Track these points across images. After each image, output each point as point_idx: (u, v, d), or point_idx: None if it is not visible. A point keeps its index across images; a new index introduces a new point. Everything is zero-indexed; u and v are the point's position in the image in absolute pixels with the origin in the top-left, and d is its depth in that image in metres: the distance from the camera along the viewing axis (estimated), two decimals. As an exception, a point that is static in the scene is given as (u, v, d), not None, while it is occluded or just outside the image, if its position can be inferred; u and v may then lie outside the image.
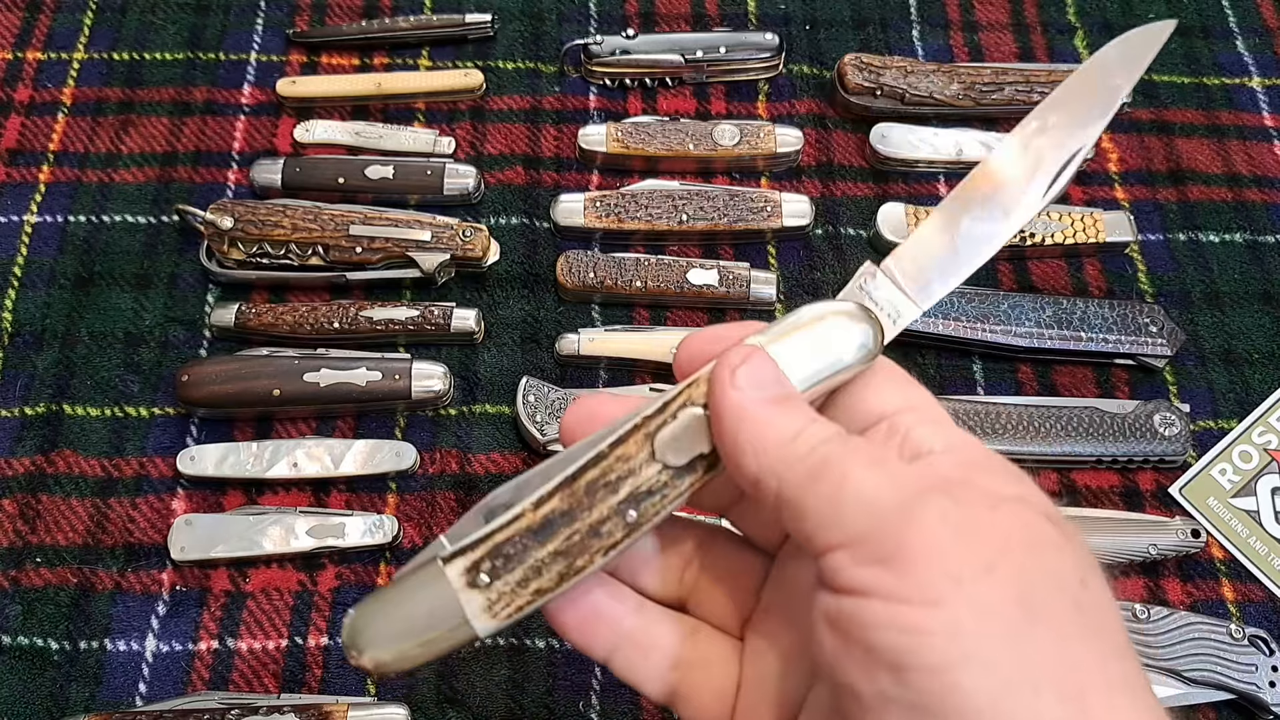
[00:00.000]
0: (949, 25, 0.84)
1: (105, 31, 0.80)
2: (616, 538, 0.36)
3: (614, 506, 0.36)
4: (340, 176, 0.73)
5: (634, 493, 0.36)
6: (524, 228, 0.74)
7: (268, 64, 0.79)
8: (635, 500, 0.36)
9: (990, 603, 0.28)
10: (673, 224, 0.72)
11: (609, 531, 0.36)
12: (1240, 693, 0.59)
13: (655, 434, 0.36)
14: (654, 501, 0.36)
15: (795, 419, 0.34)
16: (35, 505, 0.63)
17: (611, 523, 0.36)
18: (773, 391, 0.34)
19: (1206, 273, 0.74)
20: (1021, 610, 0.28)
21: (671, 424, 0.36)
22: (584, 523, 0.36)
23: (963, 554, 0.29)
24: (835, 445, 0.33)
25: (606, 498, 0.36)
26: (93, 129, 0.76)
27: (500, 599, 0.35)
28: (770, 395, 0.34)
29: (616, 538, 0.36)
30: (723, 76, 0.79)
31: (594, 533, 0.36)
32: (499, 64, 0.80)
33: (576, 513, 0.36)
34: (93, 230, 0.73)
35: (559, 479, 0.36)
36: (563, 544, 0.36)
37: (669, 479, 0.36)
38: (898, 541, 0.29)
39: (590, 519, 0.36)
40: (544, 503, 0.36)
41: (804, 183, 0.76)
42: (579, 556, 0.35)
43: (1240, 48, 0.84)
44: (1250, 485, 0.66)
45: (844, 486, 0.31)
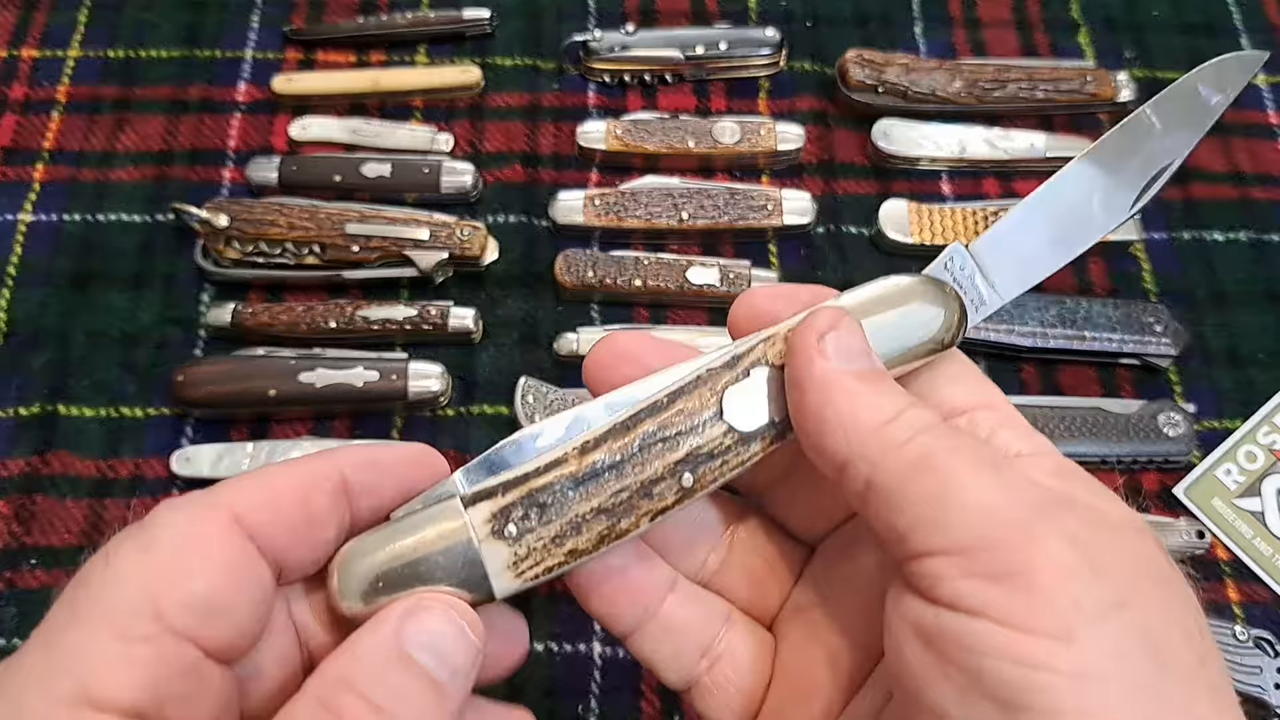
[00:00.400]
0: (951, 22, 0.83)
1: (101, 29, 0.80)
2: (668, 501, 0.32)
3: (670, 465, 0.32)
4: (337, 174, 0.72)
5: (694, 453, 0.32)
6: (522, 226, 0.73)
7: (264, 61, 0.79)
8: (694, 462, 0.32)
9: (1123, 646, 0.26)
10: (672, 222, 0.71)
11: (661, 493, 0.32)
12: (1245, 695, 0.58)
13: (724, 390, 0.33)
14: (713, 466, 0.32)
15: (893, 399, 0.31)
16: (30, 506, 0.63)
17: (665, 484, 0.32)
18: (865, 364, 0.32)
19: (1211, 272, 0.73)
20: (1152, 658, 0.26)
21: (744, 381, 0.33)
22: (636, 479, 0.32)
23: (1095, 585, 0.26)
24: (941, 437, 0.30)
25: (664, 454, 0.32)
26: (88, 127, 0.76)
27: (529, 556, 0.31)
28: (862, 368, 0.31)
29: (668, 501, 0.32)
30: (723, 73, 0.79)
31: (645, 492, 0.32)
32: (497, 61, 0.79)
33: (628, 466, 0.32)
34: (88, 229, 0.72)
35: (610, 423, 0.32)
36: (609, 500, 0.32)
37: (734, 443, 0.32)
38: (1021, 560, 0.26)
39: (643, 475, 0.32)
40: (592, 449, 0.32)
41: (805, 180, 0.76)
42: (624, 517, 0.32)
43: (1245, 45, 0.83)
44: (1255, 486, 0.66)
45: (953, 487, 0.28)
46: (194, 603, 0.28)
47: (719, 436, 0.32)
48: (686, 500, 0.32)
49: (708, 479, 0.32)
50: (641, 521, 0.32)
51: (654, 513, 0.32)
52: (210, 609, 0.29)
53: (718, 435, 0.32)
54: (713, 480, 0.32)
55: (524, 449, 0.33)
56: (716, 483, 0.33)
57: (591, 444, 0.32)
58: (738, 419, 0.32)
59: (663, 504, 0.32)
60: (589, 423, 0.33)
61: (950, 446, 0.29)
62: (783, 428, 0.33)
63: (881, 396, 0.31)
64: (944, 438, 0.30)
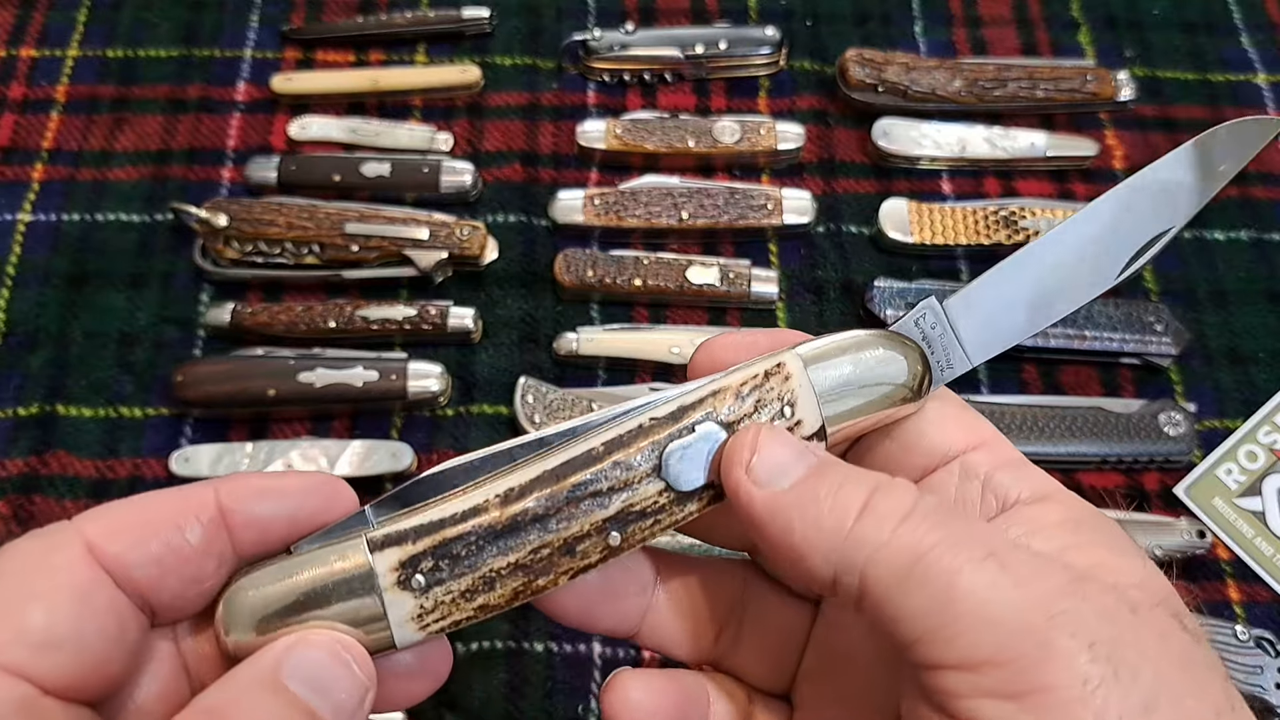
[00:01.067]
0: (951, 20, 0.83)
1: (99, 28, 0.80)
2: (591, 560, 0.30)
3: (598, 523, 0.30)
4: (336, 174, 0.72)
5: (625, 510, 0.30)
6: (522, 225, 0.73)
7: (263, 60, 0.79)
8: (624, 520, 0.30)
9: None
10: (672, 222, 0.71)
11: (584, 551, 0.30)
12: (1246, 695, 0.58)
13: (665, 446, 0.30)
14: (644, 525, 0.30)
15: (854, 489, 0.28)
16: (29, 507, 0.62)
17: (591, 541, 0.30)
18: (803, 468, 0.29)
19: (1212, 271, 0.73)
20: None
21: (686, 438, 0.31)
22: (559, 535, 0.30)
23: (1120, 692, 0.24)
24: (929, 527, 0.27)
25: (593, 510, 0.30)
26: (87, 126, 0.75)
27: (436, 609, 0.29)
28: (802, 473, 0.29)
29: (591, 560, 0.30)
30: (723, 72, 0.79)
31: (568, 549, 0.30)
32: (496, 60, 0.79)
33: (552, 521, 0.30)
34: (86, 229, 0.72)
35: (538, 470, 0.30)
36: (528, 556, 0.29)
37: (669, 502, 0.30)
38: (1039, 676, 0.25)
39: (568, 532, 0.30)
40: (515, 499, 0.30)
41: (805, 179, 0.76)
42: (543, 575, 0.30)
43: (1245, 43, 0.83)
44: (1256, 485, 0.66)
45: (955, 594, 0.26)
46: (28, 637, 0.27)
47: (654, 495, 0.30)
48: (610, 559, 0.30)
49: (635, 538, 0.30)
50: (560, 579, 0.30)
51: (574, 570, 0.30)
52: (48, 643, 0.27)
53: (653, 494, 0.30)
54: (640, 540, 0.30)
55: (443, 485, 0.31)
56: (644, 542, 0.31)
57: (516, 493, 0.30)
58: (677, 478, 0.30)
59: (585, 562, 0.30)
60: (517, 461, 0.31)
61: (941, 539, 0.27)
62: (721, 490, 0.31)
63: (840, 492, 0.28)
64: (932, 527, 0.27)
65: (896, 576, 0.27)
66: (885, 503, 0.28)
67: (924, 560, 0.26)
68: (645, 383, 0.68)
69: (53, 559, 0.28)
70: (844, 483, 0.29)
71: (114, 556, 0.29)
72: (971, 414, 0.33)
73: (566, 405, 0.65)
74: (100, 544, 0.29)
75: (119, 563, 0.29)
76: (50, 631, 0.27)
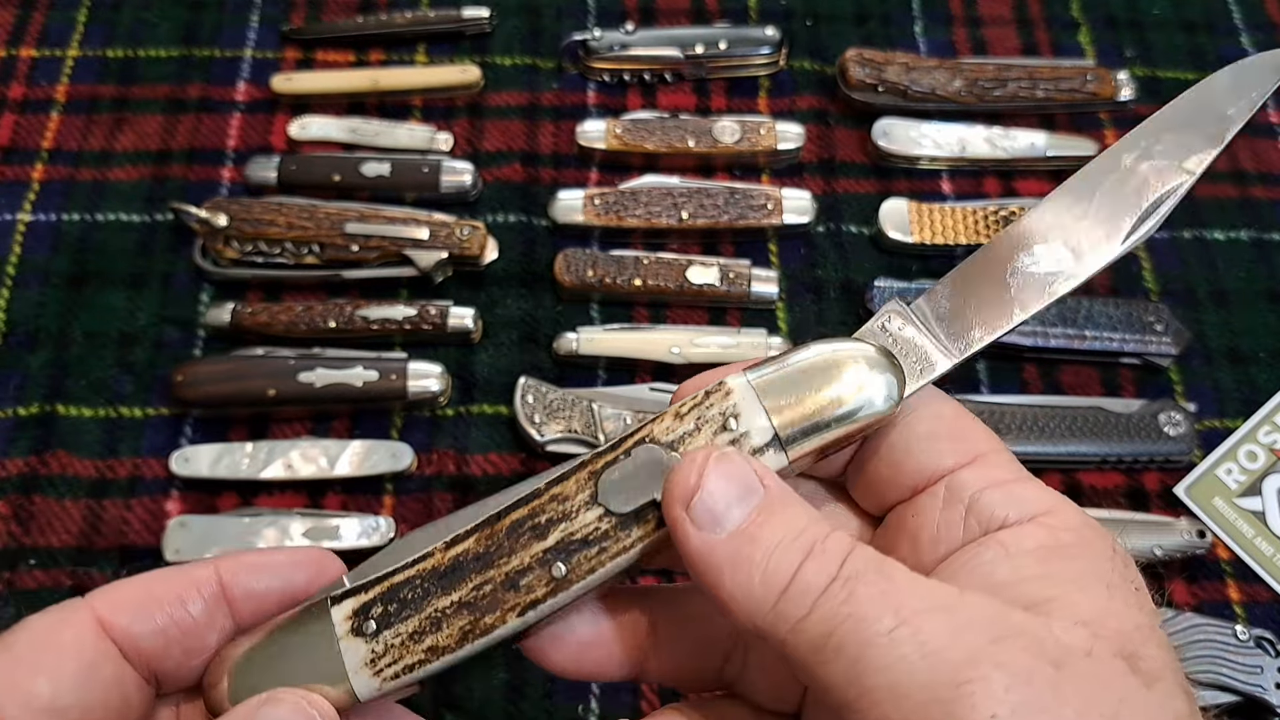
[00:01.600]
0: (951, 20, 0.83)
1: (99, 28, 0.80)
2: (537, 594, 0.30)
3: (538, 555, 0.30)
4: (336, 174, 0.72)
5: (565, 540, 0.30)
6: (522, 225, 0.73)
7: (263, 60, 0.79)
8: (566, 550, 0.30)
9: None
10: (672, 221, 0.71)
11: (529, 585, 0.30)
12: (1246, 695, 0.58)
13: (601, 471, 0.30)
14: (589, 554, 0.30)
15: (786, 554, 0.28)
16: (29, 506, 0.62)
17: (534, 575, 0.30)
18: (742, 512, 0.28)
19: (1212, 270, 0.73)
20: None
21: (623, 461, 0.30)
22: (500, 570, 0.30)
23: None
24: (844, 596, 0.27)
25: (530, 543, 0.30)
26: (87, 126, 0.75)
27: (387, 653, 0.30)
28: (741, 519, 0.28)
29: (537, 594, 0.30)
30: (723, 72, 0.79)
31: (510, 584, 0.30)
32: (497, 60, 0.79)
33: (493, 557, 0.30)
34: (86, 229, 0.72)
35: (482, 516, 0.31)
36: (470, 594, 0.30)
37: (610, 528, 0.30)
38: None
39: (509, 566, 0.30)
40: (458, 542, 0.30)
41: (805, 179, 0.76)
42: (488, 613, 0.30)
43: (1245, 43, 0.83)
44: (1256, 485, 0.66)
45: (864, 668, 0.26)
46: (36, 702, 0.29)
47: (593, 521, 0.30)
48: (561, 594, 0.30)
49: (582, 569, 0.30)
50: (509, 617, 0.30)
51: (521, 606, 0.30)
52: (54, 710, 0.29)
53: (592, 520, 0.30)
54: (589, 570, 0.30)
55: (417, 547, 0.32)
56: (596, 574, 0.30)
57: (460, 537, 0.31)
58: (614, 501, 0.30)
59: (531, 597, 0.30)
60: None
61: (855, 610, 0.27)
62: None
63: (773, 558, 0.28)
64: (850, 596, 0.27)
65: (814, 649, 0.27)
66: (813, 571, 0.27)
67: (837, 634, 0.26)
68: (645, 383, 0.68)
69: (63, 633, 0.30)
70: (779, 544, 0.28)
71: (122, 629, 0.31)
72: (968, 421, 0.32)
73: (566, 405, 0.65)
74: (109, 617, 0.31)
75: (127, 635, 0.31)
76: (56, 700, 0.29)
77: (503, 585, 0.30)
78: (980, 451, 0.31)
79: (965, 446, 0.32)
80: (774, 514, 0.29)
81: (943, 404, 0.33)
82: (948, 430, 0.32)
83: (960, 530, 0.31)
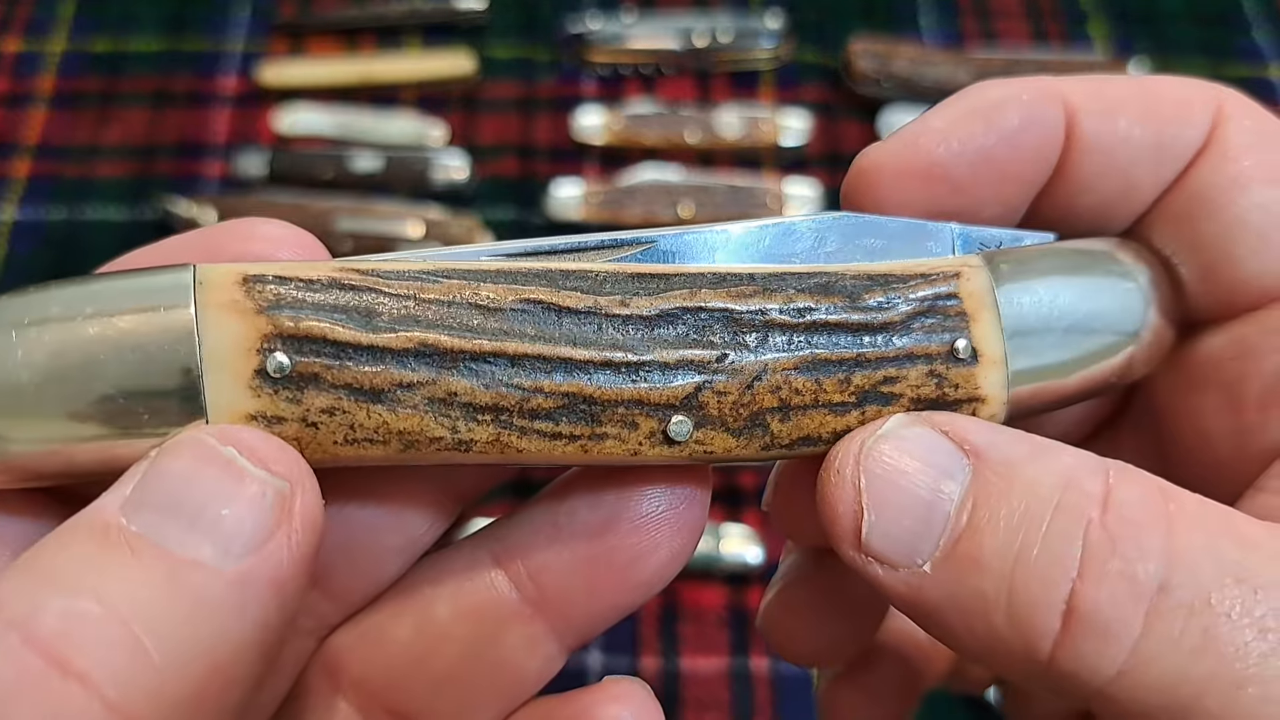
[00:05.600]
0: (959, 10, 0.82)
1: (85, 20, 0.78)
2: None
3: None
4: (327, 168, 0.70)
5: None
6: (517, 221, 0.71)
7: (252, 52, 0.77)
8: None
9: None
10: (671, 217, 0.69)
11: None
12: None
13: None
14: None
15: (1039, 572, 0.17)
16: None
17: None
18: (941, 531, 0.19)
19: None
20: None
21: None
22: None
23: None
24: (1190, 650, 0.16)
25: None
26: (72, 121, 0.74)
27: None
28: (944, 537, 0.18)
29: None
30: (725, 62, 0.77)
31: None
32: (492, 50, 0.78)
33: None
34: (72, 226, 0.70)
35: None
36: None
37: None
38: None
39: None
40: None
41: (809, 172, 0.74)
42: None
43: (1257, 37, 0.82)
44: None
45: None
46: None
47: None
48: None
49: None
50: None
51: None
52: None
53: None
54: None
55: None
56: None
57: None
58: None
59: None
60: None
61: (1218, 661, 0.16)
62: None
63: (1016, 579, 0.17)
64: (1206, 635, 0.17)
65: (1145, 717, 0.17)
66: (1107, 595, 0.17)
67: (1186, 696, 0.16)
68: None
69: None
70: (1017, 554, 0.18)
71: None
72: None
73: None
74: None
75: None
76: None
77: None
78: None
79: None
80: (999, 499, 0.18)
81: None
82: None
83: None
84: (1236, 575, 0.17)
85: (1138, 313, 0.22)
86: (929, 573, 0.19)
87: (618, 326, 0.21)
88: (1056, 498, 0.18)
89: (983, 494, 0.19)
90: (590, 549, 0.23)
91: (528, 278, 0.21)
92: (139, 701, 0.16)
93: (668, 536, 0.23)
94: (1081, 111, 0.23)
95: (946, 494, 0.19)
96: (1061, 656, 0.17)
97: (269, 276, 0.20)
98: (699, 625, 0.58)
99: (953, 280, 0.22)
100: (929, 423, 0.20)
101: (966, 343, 0.21)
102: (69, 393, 0.19)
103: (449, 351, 0.20)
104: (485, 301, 0.20)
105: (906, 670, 0.30)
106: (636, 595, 0.24)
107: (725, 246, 0.22)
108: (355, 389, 0.20)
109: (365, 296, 0.20)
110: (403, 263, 0.21)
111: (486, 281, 0.21)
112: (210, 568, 0.18)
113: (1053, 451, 0.19)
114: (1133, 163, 0.23)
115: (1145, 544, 0.17)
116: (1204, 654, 0.16)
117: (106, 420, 0.19)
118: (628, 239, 0.22)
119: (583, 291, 0.21)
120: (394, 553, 0.25)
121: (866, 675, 0.30)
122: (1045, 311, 0.21)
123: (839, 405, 0.21)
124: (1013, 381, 0.21)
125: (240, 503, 0.18)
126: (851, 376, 0.21)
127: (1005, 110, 0.24)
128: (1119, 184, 0.23)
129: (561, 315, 0.21)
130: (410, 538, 0.25)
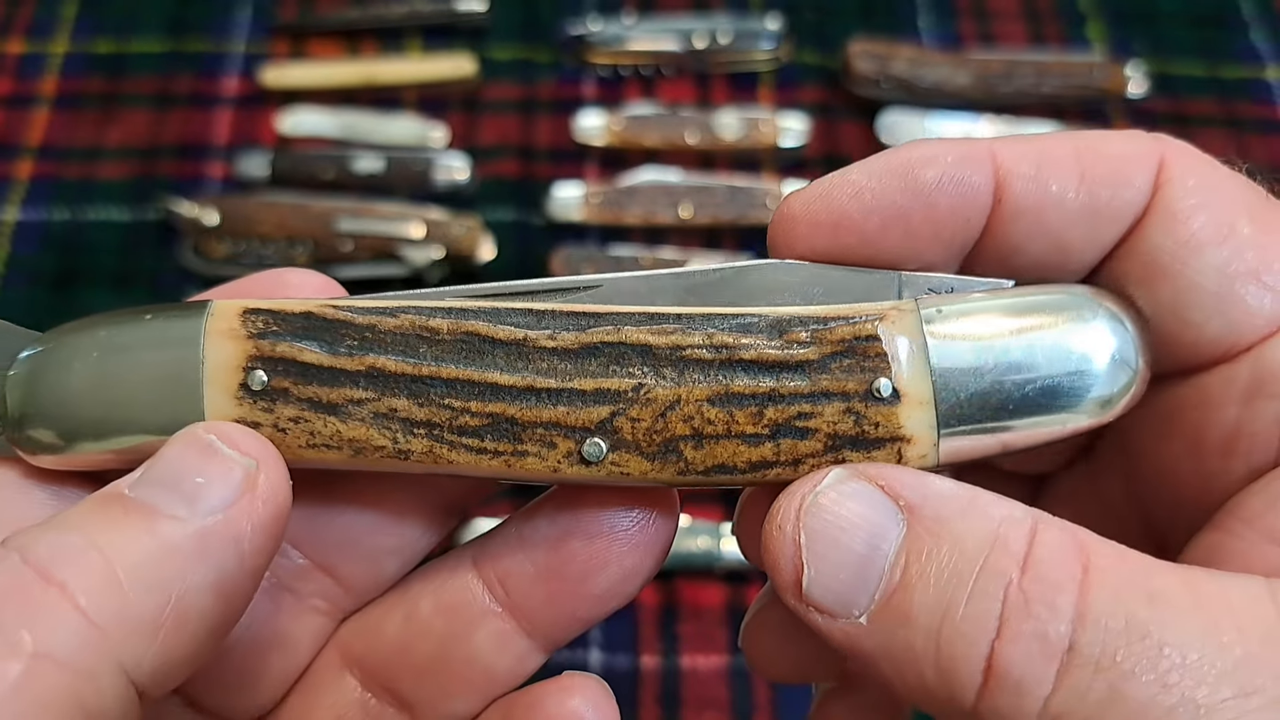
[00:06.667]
0: (958, 12, 0.82)
1: (88, 22, 0.78)
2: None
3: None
4: (329, 169, 0.71)
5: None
6: (518, 222, 0.72)
7: (254, 53, 0.77)
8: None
9: None
10: (672, 218, 0.70)
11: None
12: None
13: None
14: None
15: (964, 629, 0.18)
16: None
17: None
18: (876, 581, 0.19)
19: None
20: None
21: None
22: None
23: None
24: (1100, 700, 0.17)
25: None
26: (75, 122, 0.74)
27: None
28: (881, 588, 0.19)
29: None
30: (725, 64, 0.77)
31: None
32: (493, 52, 0.78)
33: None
34: (74, 226, 0.71)
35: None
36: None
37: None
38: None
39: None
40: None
41: (809, 173, 0.74)
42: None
43: (1254, 38, 0.82)
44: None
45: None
46: None
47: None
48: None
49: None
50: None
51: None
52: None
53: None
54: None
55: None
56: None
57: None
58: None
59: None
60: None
61: (1130, 706, 0.17)
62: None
63: (944, 636, 0.18)
64: (1113, 686, 0.17)
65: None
66: (1021, 653, 0.17)
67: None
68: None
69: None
70: (945, 613, 0.18)
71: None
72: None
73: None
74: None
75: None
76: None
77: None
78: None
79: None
80: (929, 557, 0.19)
81: (1235, 211, 0.21)
82: (1254, 263, 0.20)
83: (1275, 449, 0.21)
84: (1142, 632, 0.17)
85: (1099, 359, 0.22)
86: (864, 624, 0.20)
87: (544, 357, 0.24)
88: (982, 557, 0.19)
89: (915, 549, 0.20)
90: (547, 560, 0.26)
91: (472, 314, 0.24)
92: (105, 612, 0.20)
93: (618, 554, 0.25)
94: (1012, 175, 0.24)
95: (882, 550, 0.20)
96: (983, 709, 0.18)
97: (262, 310, 0.25)
98: (699, 624, 0.58)
99: (875, 322, 0.23)
100: (865, 476, 0.21)
101: (887, 382, 0.22)
102: (113, 405, 0.24)
103: (393, 374, 0.24)
104: (430, 334, 0.24)
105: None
106: (595, 606, 0.26)
107: (672, 288, 0.26)
108: (315, 402, 0.24)
109: (333, 327, 0.24)
110: (377, 300, 0.25)
111: (436, 317, 0.24)
112: (181, 520, 0.22)
113: (981, 506, 0.20)
114: (1066, 226, 0.23)
115: (1058, 604, 0.18)
116: (1111, 708, 0.17)
117: (140, 425, 0.24)
118: (582, 283, 0.26)
119: (517, 326, 0.24)
120: (390, 552, 0.28)
121: (858, 693, 0.30)
122: (983, 356, 0.22)
123: (752, 436, 0.23)
124: (944, 422, 0.22)
125: (212, 474, 0.22)
126: (765, 410, 0.23)
127: (925, 170, 0.24)
128: (1051, 246, 0.24)
129: (494, 346, 0.24)
130: (404, 540, 0.28)
